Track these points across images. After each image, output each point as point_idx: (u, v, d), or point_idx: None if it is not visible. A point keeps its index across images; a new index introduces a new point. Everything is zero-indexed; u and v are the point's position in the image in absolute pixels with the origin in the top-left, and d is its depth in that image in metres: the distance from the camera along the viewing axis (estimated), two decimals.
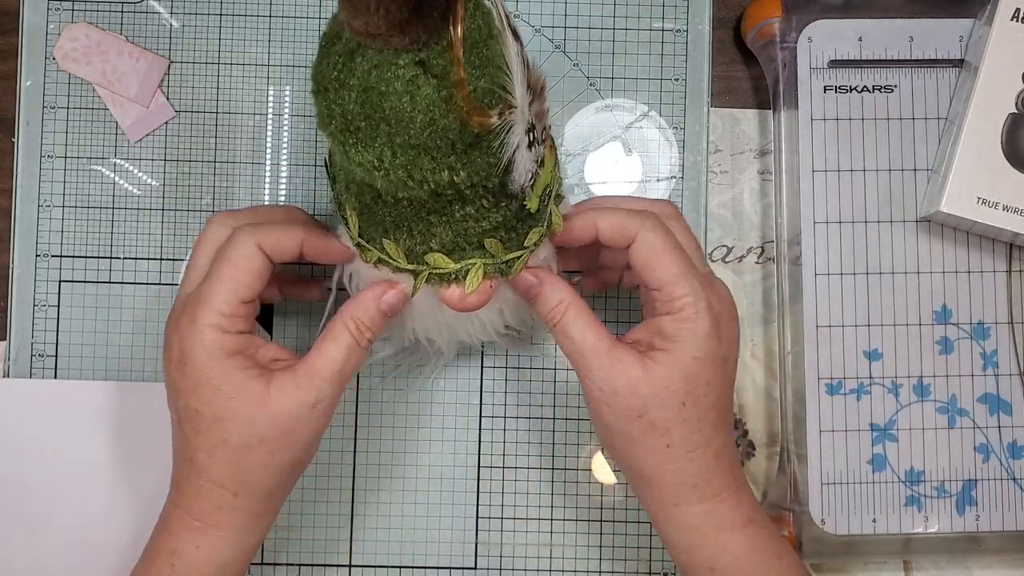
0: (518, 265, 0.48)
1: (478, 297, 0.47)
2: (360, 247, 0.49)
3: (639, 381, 0.47)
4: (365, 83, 0.40)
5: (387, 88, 0.40)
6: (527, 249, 0.48)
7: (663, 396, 0.47)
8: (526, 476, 0.62)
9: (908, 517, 0.60)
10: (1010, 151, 0.58)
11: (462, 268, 0.47)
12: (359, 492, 0.62)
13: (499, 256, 0.47)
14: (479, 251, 0.47)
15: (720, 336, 0.48)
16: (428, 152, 0.41)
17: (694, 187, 0.63)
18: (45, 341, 0.62)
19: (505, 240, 0.47)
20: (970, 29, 0.60)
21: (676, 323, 0.47)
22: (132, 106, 0.62)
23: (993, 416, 0.60)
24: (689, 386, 0.47)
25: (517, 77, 0.41)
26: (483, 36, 0.41)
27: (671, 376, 0.47)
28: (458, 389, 0.62)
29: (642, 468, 0.49)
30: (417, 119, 0.40)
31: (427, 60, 0.39)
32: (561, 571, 0.62)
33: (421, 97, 0.40)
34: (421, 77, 0.39)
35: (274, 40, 0.63)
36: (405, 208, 0.45)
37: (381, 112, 0.40)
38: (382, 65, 0.39)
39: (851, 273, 0.60)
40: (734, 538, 0.49)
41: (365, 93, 0.40)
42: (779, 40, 0.61)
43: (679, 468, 0.48)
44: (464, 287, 0.47)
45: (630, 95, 0.63)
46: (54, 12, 0.62)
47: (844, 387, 0.60)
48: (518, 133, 0.42)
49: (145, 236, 0.62)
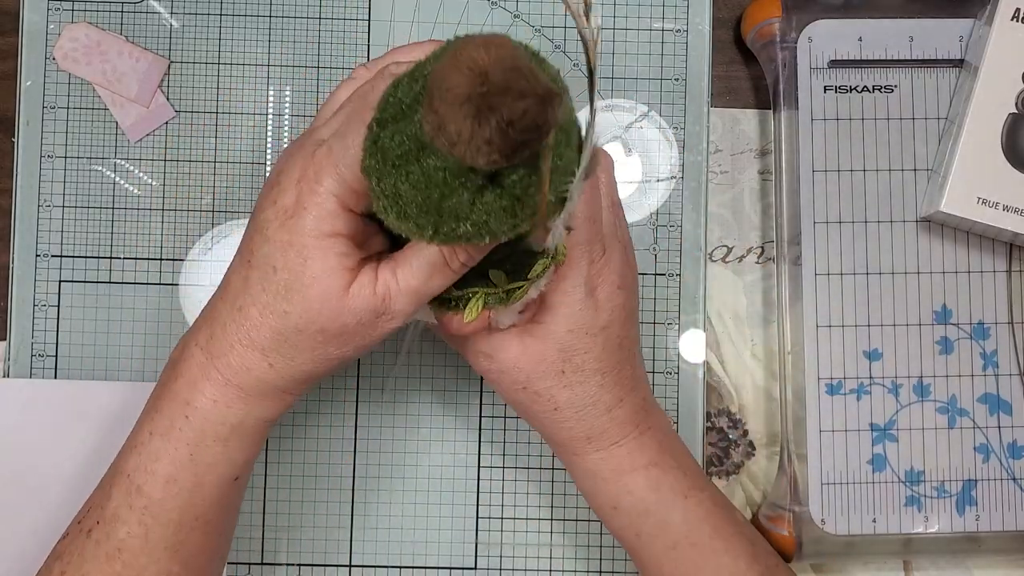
0: (518, 294, 0.47)
1: (475, 325, 0.48)
2: None
3: (519, 357, 0.49)
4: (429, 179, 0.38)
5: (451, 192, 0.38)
6: (530, 281, 0.47)
7: (541, 368, 0.49)
8: (526, 476, 0.62)
9: (908, 517, 0.60)
10: (1010, 151, 0.58)
11: (463, 296, 0.47)
12: (359, 492, 0.62)
13: (502, 286, 0.47)
14: (482, 280, 0.46)
15: (598, 307, 0.49)
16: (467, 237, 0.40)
17: (694, 187, 0.63)
18: (45, 341, 0.62)
19: (510, 271, 0.46)
20: (970, 29, 0.60)
21: (555, 294, 0.48)
22: (132, 106, 0.62)
23: (993, 416, 0.60)
24: (566, 356, 0.49)
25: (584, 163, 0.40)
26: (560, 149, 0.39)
27: (547, 349, 0.48)
28: (458, 389, 0.62)
29: (539, 427, 0.52)
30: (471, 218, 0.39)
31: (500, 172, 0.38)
32: (561, 571, 0.62)
33: (482, 202, 0.38)
34: (488, 188, 0.38)
35: (274, 40, 0.63)
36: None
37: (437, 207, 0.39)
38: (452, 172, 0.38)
39: (851, 273, 0.60)
40: (635, 479, 0.51)
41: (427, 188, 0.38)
42: (779, 40, 0.61)
43: (570, 427, 0.50)
44: (463, 316, 0.47)
45: (630, 95, 0.63)
46: (54, 12, 0.62)
47: (844, 387, 0.60)
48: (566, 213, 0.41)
49: (145, 236, 0.62)
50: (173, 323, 0.62)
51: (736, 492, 0.63)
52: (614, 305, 0.50)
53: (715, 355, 0.63)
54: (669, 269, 0.62)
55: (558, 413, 0.50)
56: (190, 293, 0.62)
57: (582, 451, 0.51)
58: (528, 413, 0.51)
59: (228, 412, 0.46)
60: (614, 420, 0.50)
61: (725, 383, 0.63)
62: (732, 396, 0.63)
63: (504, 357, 0.49)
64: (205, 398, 0.46)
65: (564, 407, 0.50)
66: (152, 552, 0.47)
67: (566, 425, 0.50)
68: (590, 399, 0.50)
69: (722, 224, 0.64)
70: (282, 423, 0.62)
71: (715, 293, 0.63)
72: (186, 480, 0.47)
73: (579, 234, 0.48)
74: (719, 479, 0.63)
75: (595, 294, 0.49)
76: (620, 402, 0.51)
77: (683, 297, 0.62)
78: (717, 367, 0.63)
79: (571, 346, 0.49)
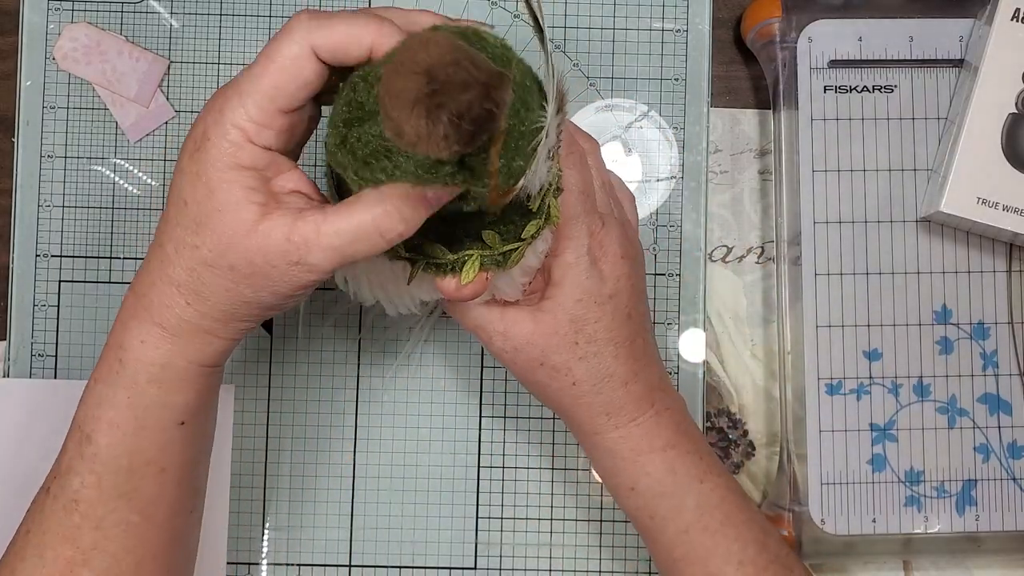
0: (515, 256, 0.48)
1: (473, 288, 0.48)
2: None
3: (532, 333, 0.50)
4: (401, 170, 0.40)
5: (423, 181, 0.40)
6: (524, 241, 0.48)
7: (555, 341, 0.50)
8: (526, 476, 0.62)
9: (908, 517, 0.60)
10: (1010, 151, 0.58)
11: (459, 259, 0.47)
12: (359, 492, 0.62)
13: (497, 248, 0.47)
14: (477, 243, 0.47)
15: (603, 276, 0.50)
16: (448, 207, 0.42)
17: (694, 187, 0.63)
18: (45, 341, 0.62)
19: (503, 233, 0.47)
20: (970, 29, 0.60)
21: (560, 267, 0.50)
22: (132, 106, 0.62)
23: (993, 416, 0.60)
24: (578, 326, 0.50)
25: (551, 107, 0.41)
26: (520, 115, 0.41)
27: (558, 321, 0.50)
28: (458, 389, 0.62)
29: (559, 406, 0.52)
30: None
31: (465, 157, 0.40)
32: (561, 571, 0.62)
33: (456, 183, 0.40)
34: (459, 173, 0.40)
35: None
36: None
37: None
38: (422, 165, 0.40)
39: (851, 273, 0.60)
40: (653, 461, 0.51)
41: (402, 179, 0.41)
42: (779, 40, 0.61)
43: (589, 401, 0.51)
44: (460, 278, 0.48)
45: (630, 95, 0.63)
46: (54, 12, 0.62)
47: (844, 387, 0.60)
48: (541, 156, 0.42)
49: (145, 236, 0.62)
50: None
51: None
52: (619, 274, 0.51)
53: (715, 355, 0.63)
54: (669, 269, 0.62)
55: (576, 388, 0.51)
56: None
57: (602, 429, 0.52)
58: (548, 393, 0.52)
59: (156, 353, 0.45)
60: (631, 395, 0.51)
61: (725, 383, 0.63)
62: (732, 396, 0.63)
63: (518, 333, 0.50)
64: (134, 339, 0.46)
65: (581, 380, 0.51)
66: (107, 501, 0.47)
67: (584, 400, 0.51)
68: (606, 370, 0.51)
69: (722, 224, 0.64)
70: (282, 423, 0.62)
71: (715, 293, 0.63)
72: (127, 424, 0.46)
73: (575, 207, 0.49)
74: None
75: (599, 264, 0.50)
76: (635, 376, 0.51)
77: (683, 297, 0.62)
78: (717, 367, 0.63)
79: (581, 316, 0.50)
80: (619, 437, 0.52)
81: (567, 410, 0.52)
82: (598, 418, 0.52)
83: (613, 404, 0.51)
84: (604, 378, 0.51)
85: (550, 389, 0.52)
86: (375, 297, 0.52)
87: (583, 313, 0.50)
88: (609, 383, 0.51)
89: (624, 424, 0.51)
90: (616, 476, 0.52)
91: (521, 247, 0.48)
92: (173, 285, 0.45)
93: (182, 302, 0.45)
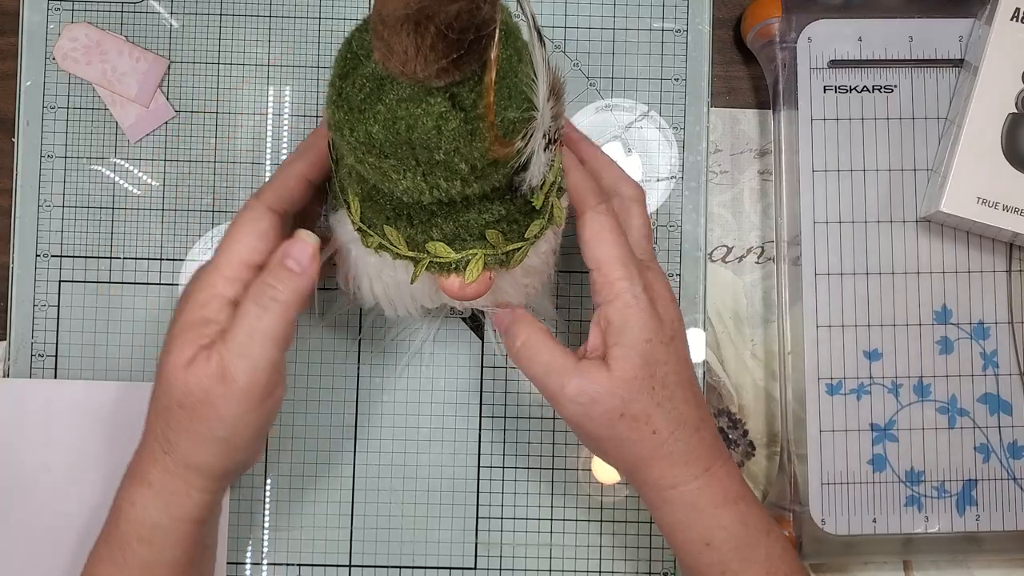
0: (518, 256, 0.48)
1: (477, 287, 0.48)
2: (361, 232, 0.49)
3: (610, 379, 0.49)
4: (393, 113, 0.40)
5: (416, 122, 0.40)
6: (527, 241, 0.48)
7: (635, 387, 0.49)
8: (526, 476, 0.62)
9: (908, 517, 0.60)
10: (1010, 151, 0.58)
11: (463, 258, 0.47)
12: (359, 492, 0.62)
13: (500, 247, 0.47)
14: (480, 242, 0.47)
15: (661, 318, 0.50)
16: (447, 168, 0.42)
17: (694, 187, 0.63)
18: (45, 341, 0.62)
19: (507, 232, 0.47)
20: (970, 29, 0.60)
21: (620, 311, 0.49)
22: (132, 106, 0.62)
23: (993, 416, 0.60)
24: (651, 370, 0.49)
25: (542, 88, 0.41)
26: (513, 64, 0.41)
27: (635, 366, 0.49)
28: (458, 389, 0.62)
29: (637, 460, 0.51)
30: (443, 147, 0.41)
31: (458, 94, 0.40)
32: (561, 571, 0.62)
33: (448, 130, 0.40)
34: (451, 112, 0.40)
35: (274, 40, 0.63)
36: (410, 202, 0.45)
37: (407, 140, 0.41)
38: (413, 100, 0.40)
39: (851, 273, 0.60)
40: (727, 514, 0.50)
41: (393, 123, 0.40)
42: (779, 40, 0.61)
43: (668, 451, 0.50)
44: (464, 277, 0.47)
45: (630, 95, 0.63)
46: (54, 12, 0.62)
47: (844, 387, 0.60)
48: (537, 139, 0.42)
49: (145, 236, 0.62)
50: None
51: None
52: (673, 316, 0.51)
53: (715, 355, 0.63)
54: (669, 269, 0.62)
55: (657, 437, 0.49)
56: None
57: (682, 480, 0.50)
58: (625, 447, 0.50)
59: (144, 513, 0.49)
60: (703, 442, 0.51)
61: (725, 383, 0.63)
62: (732, 396, 0.63)
63: (594, 381, 0.49)
64: (126, 500, 0.49)
65: (661, 428, 0.49)
66: None
67: (665, 450, 0.50)
68: (680, 416, 0.50)
69: (722, 224, 0.64)
70: (282, 423, 0.62)
71: (715, 293, 0.63)
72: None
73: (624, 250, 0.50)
74: None
75: (655, 306, 0.50)
76: (703, 422, 0.51)
77: (683, 297, 0.62)
78: (717, 367, 0.63)
79: (653, 356, 0.49)
80: (698, 488, 0.50)
81: (646, 463, 0.50)
82: (678, 468, 0.50)
83: (691, 453, 0.50)
84: (680, 424, 0.50)
85: (628, 442, 0.50)
86: (375, 298, 0.52)
87: (653, 355, 0.49)
88: (684, 429, 0.50)
89: (701, 474, 0.50)
90: (689, 530, 0.51)
91: (524, 247, 0.48)
92: (153, 437, 0.49)
93: (160, 451, 0.48)
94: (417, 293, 0.51)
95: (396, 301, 0.52)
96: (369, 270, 0.50)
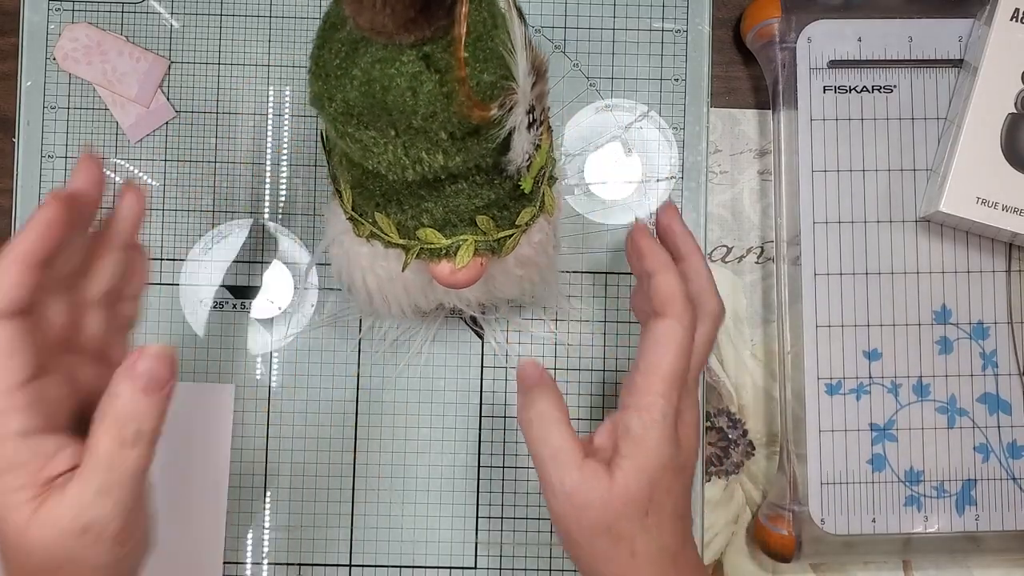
0: (509, 243, 0.48)
1: (468, 273, 0.47)
2: (353, 220, 0.49)
3: (608, 492, 0.47)
4: (368, 75, 0.40)
5: (390, 83, 0.40)
6: (519, 228, 0.48)
7: (630, 508, 0.47)
8: (526, 476, 0.62)
9: (908, 517, 0.60)
10: (1010, 151, 0.58)
11: (453, 244, 0.47)
12: (359, 492, 0.62)
13: (491, 234, 0.47)
14: (471, 228, 0.47)
15: (680, 444, 0.48)
16: (426, 137, 0.41)
17: (694, 187, 0.63)
18: None
19: (497, 218, 0.47)
20: (970, 29, 0.61)
21: (643, 422, 0.47)
22: (132, 106, 0.63)
23: (993, 416, 0.60)
24: (651, 493, 0.47)
25: (520, 59, 0.41)
26: (488, 28, 0.41)
27: (639, 484, 0.47)
28: (458, 389, 0.62)
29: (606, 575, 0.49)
30: (419, 111, 0.40)
31: (431, 54, 0.40)
32: (561, 571, 0.62)
33: (423, 92, 0.40)
34: (424, 73, 0.40)
35: (274, 40, 0.63)
36: (396, 181, 0.45)
37: (383, 104, 0.40)
38: (386, 60, 0.40)
39: (851, 273, 0.60)
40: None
41: (368, 85, 0.40)
42: (779, 40, 0.61)
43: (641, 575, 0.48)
44: (455, 263, 0.47)
45: (630, 95, 0.63)
46: (54, 12, 0.62)
47: (844, 387, 0.60)
48: (518, 114, 0.42)
49: (145, 236, 0.62)
50: (173, 323, 0.62)
51: (736, 492, 0.63)
52: (692, 446, 0.49)
53: (715, 355, 0.63)
54: None
55: (634, 560, 0.47)
56: (190, 293, 0.62)
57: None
58: (598, 562, 0.48)
59: None
60: (678, 570, 0.49)
61: (725, 383, 0.63)
62: (732, 396, 0.63)
63: (592, 489, 0.47)
64: None
65: (641, 552, 0.47)
66: None
67: (638, 573, 0.48)
68: (663, 545, 0.48)
69: (722, 224, 0.64)
70: (282, 423, 0.62)
71: None
72: None
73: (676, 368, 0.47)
74: (719, 479, 0.63)
75: (678, 431, 0.48)
76: (683, 551, 0.49)
77: None
78: (717, 367, 0.63)
79: (658, 481, 0.47)
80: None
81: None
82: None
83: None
84: (660, 551, 0.48)
85: (604, 559, 0.48)
86: (369, 294, 0.52)
87: (660, 478, 0.47)
88: (662, 556, 0.48)
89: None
90: None
91: (516, 234, 0.48)
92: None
93: None
94: (410, 287, 0.51)
95: (389, 295, 0.52)
96: (362, 261, 0.50)
